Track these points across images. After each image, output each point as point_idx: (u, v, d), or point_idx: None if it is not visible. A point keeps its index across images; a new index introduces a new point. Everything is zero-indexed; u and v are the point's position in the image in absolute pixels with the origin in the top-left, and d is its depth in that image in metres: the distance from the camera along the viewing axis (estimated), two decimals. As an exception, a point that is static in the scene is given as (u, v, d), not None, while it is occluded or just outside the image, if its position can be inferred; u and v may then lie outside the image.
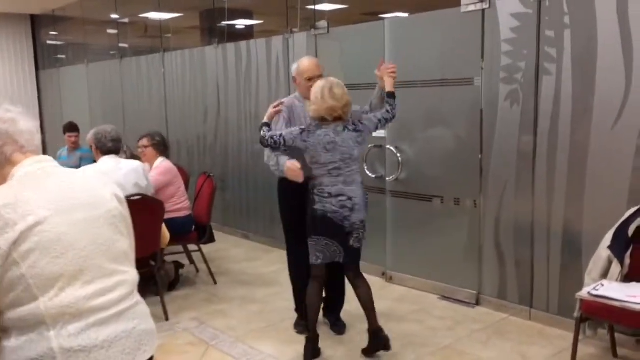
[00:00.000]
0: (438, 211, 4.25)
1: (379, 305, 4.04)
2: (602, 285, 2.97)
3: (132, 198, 3.66)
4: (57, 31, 9.80)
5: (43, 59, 10.29)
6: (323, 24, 4.89)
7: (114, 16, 8.04)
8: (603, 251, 3.18)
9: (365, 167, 4.56)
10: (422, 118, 4.28)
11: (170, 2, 7.04)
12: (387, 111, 3.36)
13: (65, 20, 9.42)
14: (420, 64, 4.22)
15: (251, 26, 6.51)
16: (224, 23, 6.20)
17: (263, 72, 5.59)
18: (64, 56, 9.80)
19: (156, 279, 4.03)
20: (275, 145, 3.21)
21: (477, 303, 4.06)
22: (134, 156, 4.99)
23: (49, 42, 10.09)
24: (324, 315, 3.78)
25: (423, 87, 4.21)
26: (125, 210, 1.70)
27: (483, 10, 3.78)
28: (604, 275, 3.19)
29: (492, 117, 3.82)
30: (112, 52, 8.22)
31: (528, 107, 3.63)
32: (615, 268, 3.11)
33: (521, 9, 3.59)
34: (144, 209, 3.72)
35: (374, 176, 4.56)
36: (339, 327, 3.72)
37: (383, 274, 4.68)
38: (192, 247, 4.82)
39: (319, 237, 3.19)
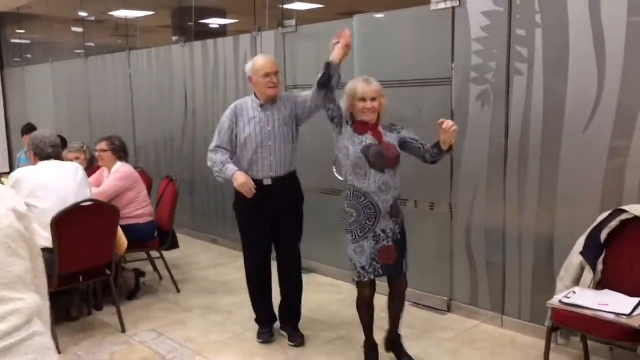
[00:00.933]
0: (409, 215, 4.10)
1: (350, 313, 3.92)
2: (574, 292, 2.86)
3: (84, 204, 3.47)
4: (22, 29, 9.48)
5: (8, 57, 9.96)
6: (291, 22, 4.73)
7: (81, 14, 7.78)
8: (575, 257, 3.08)
9: (334, 169, 4.40)
10: (391, 118, 4.12)
11: (137, 0, 6.82)
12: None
13: (31, 18, 9.12)
14: (390, 63, 4.09)
15: (223, 25, 6.33)
16: (192, 22, 6.00)
17: (230, 71, 5.41)
18: (29, 55, 9.49)
19: (108, 289, 3.82)
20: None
21: (449, 310, 3.94)
22: (93, 158, 4.78)
23: (13, 40, 9.77)
24: (283, 327, 3.66)
25: (393, 87, 4.06)
26: (26, 227, 1.48)
27: (453, 8, 3.66)
28: (576, 281, 3.08)
29: (463, 119, 3.70)
30: (77, 51, 7.96)
31: (499, 108, 3.52)
32: (588, 275, 3.01)
33: (492, 7, 3.48)
34: (96, 216, 3.53)
35: (342, 178, 4.40)
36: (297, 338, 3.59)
37: (353, 279, 4.51)
38: (156, 254, 4.62)
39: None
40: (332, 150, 4.32)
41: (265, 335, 3.54)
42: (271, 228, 3.47)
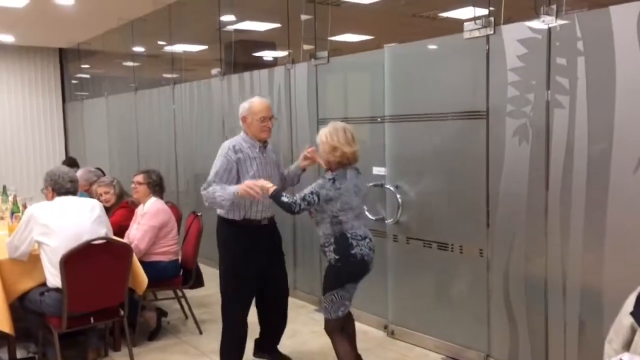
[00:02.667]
0: (442, 259, 3.78)
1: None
2: (622, 361, 2.44)
3: (95, 242, 3.36)
4: (82, 64, 9.86)
5: (70, 92, 10.37)
6: (323, 53, 4.56)
7: (134, 49, 7.97)
8: (625, 318, 2.64)
9: (365, 208, 4.14)
10: (423, 155, 3.85)
11: (183, 36, 6.89)
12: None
13: (89, 54, 9.47)
14: (421, 95, 3.82)
15: (263, 57, 6.28)
16: (232, 55, 5.97)
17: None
18: (87, 89, 9.83)
19: (124, 330, 3.68)
20: (309, 206, 2.99)
21: (486, 367, 3.55)
22: (123, 193, 4.74)
23: (74, 75, 10.17)
24: (259, 353, 3.66)
25: (424, 120, 3.79)
26: None
27: (487, 36, 3.37)
28: (627, 346, 2.64)
29: (499, 156, 3.36)
30: (131, 85, 8.13)
31: (538, 144, 3.16)
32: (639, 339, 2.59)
33: (529, 34, 3.16)
34: (108, 254, 3.42)
35: (374, 218, 4.13)
36: None
37: (385, 327, 4.21)
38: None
39: (351, 285, 3.09)
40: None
41: None
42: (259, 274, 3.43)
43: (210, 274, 5.80)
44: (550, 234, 3.15)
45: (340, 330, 3.16)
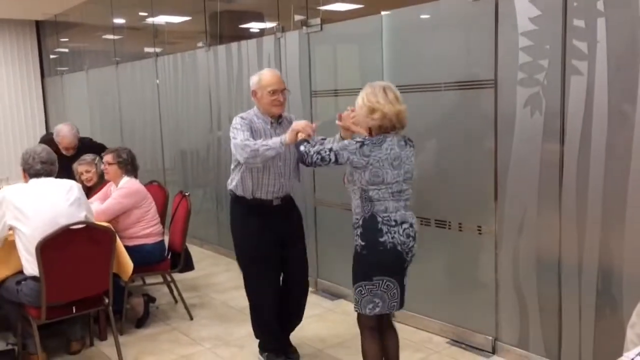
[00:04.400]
0: (445, 238, 3.57)
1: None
2: (650, 349, 2.25)
3: (74, 227, 3.10)
4: (60, 37, 9.43)
5: (49, 66, 9.94)
6: (316, 20, 4.26)
7: (114, 20, 7.58)
8: (650, 301, 2.48)
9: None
10: (425, 128, 3.60)
11: (164, 6, 6.53)
12: None
13: (67, 27, 9.05)
14: (424, 64, 3.56)
15: (250, 28, 5.94)
16: (217, 26, 5.64)
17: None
18: (67, 63, 9.42)
19: (107, 318, 3.45)
20: (322, 162, 2.58)
21: (494, 351, 3.36)
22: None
23: (52, 48, 9.74)
24: None
25: (426, 91, 3.54)
26: None
27: (496, -3, 3.10)
28: (652, 331, 2.48)
29: (508, 127, 3.13)
30: (114, 58, 7.76)
31: (552, 114, 2.93)
32: (667, 324, 2.40)
33: (543, -6, 2.91)
34: (88, 240, 3.17)
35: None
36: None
37: (385, 309, 4.00)
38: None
39: (381, 278, 2.59)
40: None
41: None
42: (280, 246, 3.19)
43: (200, 256, 5.61)
44: (564, 211, 2.94)
45: (371, 329, 2.72)
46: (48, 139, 5.46)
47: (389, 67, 3.74)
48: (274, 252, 3.17)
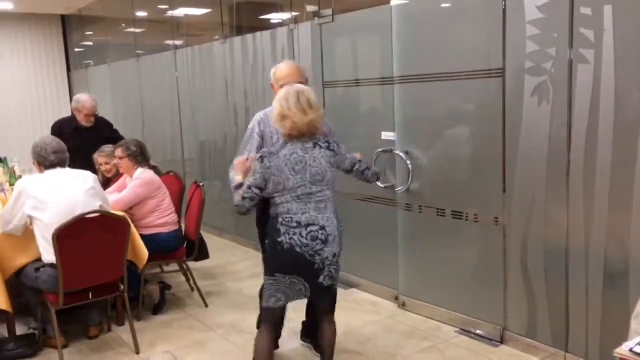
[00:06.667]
0: (455, 228, 3.58)
1: (386, 339, 3.50)
2: (651, 339, 2.24)
3: (89, 215, 3.20)
4: (85, 31, 9.61)
5: (74, 60, 10.14)
6: (327, 11, 4.28)
7: (135, 13, 7.70)
8: (654, 291, 2.47)
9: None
10: (433, 117, 3.61)
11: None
12: (367, 168, 2.87)
13: (91, 21, 9.21)
14: (431, 53, 3.55)
15: (266, 19, 5.99)
16: (234, 18, 5.70)
17: (268, 65, 5.03)
18: (91, 56, 9.60)
19: (124, 305, 3.56)
20: (252, 201, 2.55)
21: (502, 341, 3.37)
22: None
23: (77, 42, 9.93)
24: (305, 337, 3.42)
25: (434, 80, 3.54)
26: None
27: (504, -14, 3.09)
28: (656, 321, 2.46)
29: (516, 117, 3.12)
30: (137, 51, 7.89)
31: (560, 103, 2.91)
32: (671, 314, 2.38)
33: (550, -18, 2.88)
34: (103, 228, 3.26)
35: (383, 186, 3.93)
36: None
37: (396, 298, 4.04)
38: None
39: (283, 276, 2.58)
40: (370, 153, 3.89)
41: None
42: None
43: (218, 245, 5.71)
44: (572, 199, 2.93)
45: (270, 324, 2.71)
46: (62, 120, 5.58)
47: (398, 56, 3.74)
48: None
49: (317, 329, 2.83)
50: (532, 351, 3.20)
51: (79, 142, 4.64)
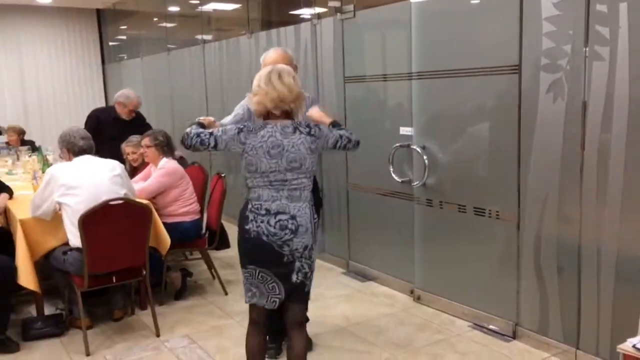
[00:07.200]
0: (469, 223, 3.60)
1: (399, 331, 3.55)
2: (656, 336, 2.26)
3: (113, 202, 3.34)
4: (119, 25, 9.86)
5: (109, 53, 10.42)
6: (349, 7, 4.34)
7: (167, 8, 7.88)
8: (663, 289, 2.46)
9: (391, 169, 3.99)
10: (450, 113, 3.64)
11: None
12: (349, 134, 2.61)
13: (125, 15, 9.45)
14: (448, 50, 3.58)
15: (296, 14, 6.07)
16: (260, 13, 5.80)
17: (293, 61, 5.13)
18: (124, 50, 9.85)
19: (147, 290, 3.70)
20: (202, 145, 2.47)
21: (514, 336, 3.39)
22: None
23: (112, 36, 10.20)
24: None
25: (450, 77, 3.57)
26: None
27: (522, -17, 3.09)
28: (665, 319, 2.47)
29: (531, 113, 3.13)
30: (168, 45, 8.07)
31: (575, 100, 2.91)
32: (679, 313, 2.39)
33: (567, -21, 2.88)
34: (127, 215, 3.40)
35: (400, 180, 3.98)
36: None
37: (411, 291, 4.09)
38: (210, 252, 4.47)
39: (254, 268, 2.46)
40: (389, 148, 3.94)
41: (272, 352, 3.21)
42: None
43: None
44: (585, 197, 2.93)
45: (253, 323, 2.59)
46: (98, 109, 5.87)
47: (416, 53, 3.78)
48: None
49: (287, 343, 2.62)
50: (544, 347, 3.22)
51: (116, 132, 5.03)
